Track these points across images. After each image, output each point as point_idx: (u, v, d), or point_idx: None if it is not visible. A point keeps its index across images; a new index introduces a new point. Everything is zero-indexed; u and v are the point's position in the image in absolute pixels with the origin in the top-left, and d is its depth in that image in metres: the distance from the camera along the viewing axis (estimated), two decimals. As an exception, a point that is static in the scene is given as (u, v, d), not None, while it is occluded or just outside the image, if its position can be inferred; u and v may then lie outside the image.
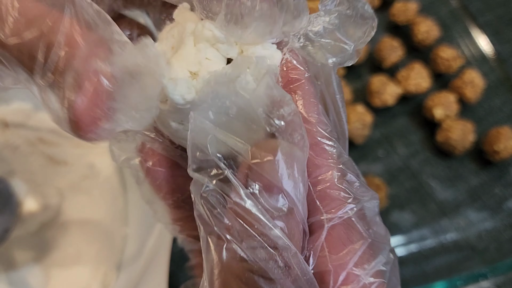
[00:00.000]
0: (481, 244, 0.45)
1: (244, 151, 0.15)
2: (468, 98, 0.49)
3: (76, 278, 0.38)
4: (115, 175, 0.41)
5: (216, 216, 0.15)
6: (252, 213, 0.14)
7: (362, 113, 0.47)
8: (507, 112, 0.51)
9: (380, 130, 0.50)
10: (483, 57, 0.53)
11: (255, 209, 0.14)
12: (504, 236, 0.46)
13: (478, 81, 0.49)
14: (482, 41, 0.54)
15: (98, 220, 0.39)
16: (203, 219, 0.15)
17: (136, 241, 0.38)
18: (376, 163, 0.49)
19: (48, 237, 0.39)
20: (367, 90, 0.50)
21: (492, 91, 0.52)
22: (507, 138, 0.46)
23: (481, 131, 0.49)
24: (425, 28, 0.51)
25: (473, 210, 0.47)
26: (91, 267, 0.38)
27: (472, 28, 0.54)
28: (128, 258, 0.39)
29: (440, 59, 0.50)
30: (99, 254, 0.39)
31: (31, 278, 0.38)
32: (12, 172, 0.39)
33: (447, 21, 0.55)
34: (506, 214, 0.47)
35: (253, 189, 0.14)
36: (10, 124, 0.40)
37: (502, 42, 0.54)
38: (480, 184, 0.48)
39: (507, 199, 0.47)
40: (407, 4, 0.53)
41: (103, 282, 0.38)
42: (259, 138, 0.15)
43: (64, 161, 0.40)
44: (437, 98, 0.48)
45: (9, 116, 0.40)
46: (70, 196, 0.40)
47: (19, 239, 0.38)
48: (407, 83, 0.49)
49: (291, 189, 0.15)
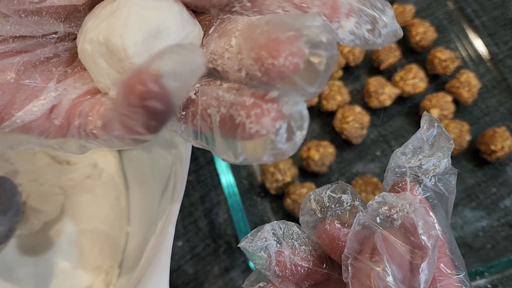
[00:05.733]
0: (477, 243, 0.46)
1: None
2: (464, 98, 0.50)
3: (79, 276, 0.38)
4: (117, 174, 0.41)
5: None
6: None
7: (360, 113, 0.48)
8: (503, 112, 0.52)
9: (377, 130, 0.51)
10: (479, 58, 0.54)
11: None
12: (500, 235, 0.46)
13: (474, 82, 0.50)
14: (478, 43, 0.54)
15: (100, 219, 0.39)
16: None
17: (138, 240, 0.39)
18: (373, 163, 0.49)
19: (51, 236, 0.39)
20: (365, 91, 0.51)
21: (488, 92, 0.52)
22: (503, 138, 0.47)
23: (477, 131, 0.50)
24: (422, 30, 0.52)
25: (469, 209, 0.47)
26: (93, 266, 0.39)
27: (468, 30, 0.55)
28: (129, 257, 0.39)
29: (436, 60, 0.51)
30: (101, 253, 0.39)
31: (33, 276, 0.38)
32: (15, 171, 0.39)
33: (443, 23, 0.56)
34: (502, 213, 0.47)
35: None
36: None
37: (498, 44, 0.55)
38: (477, 183, 0.49)
39: (503, 198, 0.48)
40: (404, 6, 0.54)
41: (104, 281, 0.38)
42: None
43: (67, 161, 0.40)
44: (434, 99, 0.49)
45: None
46: (73, 195, 0.40)
47: (23, 238, 0.39)
48: (404, 84, 0.50)
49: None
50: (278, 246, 0.22)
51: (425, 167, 0.21)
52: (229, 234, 0.45)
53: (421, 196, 0.21)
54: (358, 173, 0.48)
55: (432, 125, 0.22)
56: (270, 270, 0.21)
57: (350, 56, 0.51)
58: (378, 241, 0.18)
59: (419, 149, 0.22)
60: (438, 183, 0.21)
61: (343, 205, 0.21)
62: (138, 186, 0.41)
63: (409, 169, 0.21)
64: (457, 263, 0.20)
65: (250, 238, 0.22)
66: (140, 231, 0.39)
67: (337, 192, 0.22)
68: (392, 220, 0.18)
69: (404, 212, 0.18)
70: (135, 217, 0.40)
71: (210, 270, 0.44)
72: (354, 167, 0.49)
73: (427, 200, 0.21)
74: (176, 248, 0.44)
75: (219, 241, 0.45)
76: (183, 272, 0.44)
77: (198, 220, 0.45)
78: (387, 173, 0.22)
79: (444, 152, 0.21)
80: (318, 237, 0.21)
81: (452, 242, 0.21)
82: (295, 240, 0.22)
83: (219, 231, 0.45)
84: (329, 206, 0.21)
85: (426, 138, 0.22)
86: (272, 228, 0.22)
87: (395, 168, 0.22)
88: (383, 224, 0.18)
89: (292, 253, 0.21)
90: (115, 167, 0.41)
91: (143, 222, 0.38)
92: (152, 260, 0.30)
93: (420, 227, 0.18)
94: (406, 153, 0.22)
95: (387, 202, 0.19)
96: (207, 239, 0.45)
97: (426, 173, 0.21)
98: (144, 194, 0.39)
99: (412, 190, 0.21)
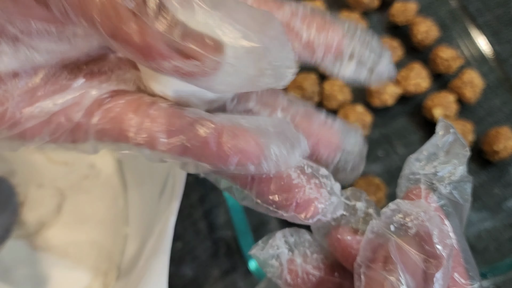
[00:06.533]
0: (480, 244, 0.45)
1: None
2: (467, 98, 0.49)
3: (77, 278, 0.38)
4: (115, 175, 0.41)
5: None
6: None
7: (362, 113, 0.47)
8: (506, 112, 0.51)
9: (379, 130, 0.50)
10: (482, 57, 0.53)
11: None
12: (503, 236, 0.46)
13: (478, 81, 0.49)
14: (482, 42, 0.54)
15: (98, 220, 0.39)
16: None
17: (137, 240, 0.39)
18: (375, 163, 0.49)
19: (49, 237, 0.39)
20: (367, 90, 0.50)
21: (491, 91, 0.52)
22: (507, 138, 0.46)
23: (480, 131, 0.50)
24: (424, 29, 0.51)
25: (472, 210, 0.47)
26: (92, 267, 0.38)
27: (472, 28, 0.55)
28: (128, 258, 0.39)
29: (439, 59, 0.50)
30: (100, 254, 0.39)
31: (31, 278, 0.38)
32: (12, 172, 0.39)
33: (446, 22, 0.55)
34: (505, 214, 0.47)
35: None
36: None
37: (502, 43, 0.54)
38: (480, 184, 0.48)
39: (507, 199, 0.47)
40: (406, 5, 0.53)
41: (103, 282, 0.38)
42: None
43: (65, 161, 0.40)
44: (437, 98, 0.49)
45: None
46: (70, 196, 0.40)
47: (19, 239, 0.38)
48: (407, 83, 0.49)
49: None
50: (289, 254, 0.21)
51: (440, 174, 0.21)
52: (229, 236, 0.45)
53: (435, 204, 0.21)
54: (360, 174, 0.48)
55: (447, 131, 0.21)
56: (282, 278, 0.21)
57: (351, 55, 0.51)
58: (392, 249, 0.17)
59: (433, 156, 0.21)
60: (454, 191, 0.21)
61: (356, 212, 0.21)
62: (136, 187, 0.41)
63: (423, 176, 0.21)
64: (471, 272, 0.20)
65: (261, 245, 0.22)
66: (139, 233, 0.38)
67: (351, 199, 0.21)
68: (406, 228, 0.18)
69: (419, 220, 0.18)
70: (134, 219, 0.40)
71: (210, 272, 0.43)
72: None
73: (442, 208, 0.21)
74: (175, 250, 0.44)
75: (219, 243, 0.44)
76: (182, 274, 0.43)
77: (198, 222, 0.45)
78: (400, 180, 0.22)
79: (460, 159, 0.21)
80: (330, 244, 0.21)
81: (466, 251, 0.20)
82: (307, 248, 0.22)
83: (219, 233, 0.45)
84: (343, 214, 0.21)
85: (441, 145, 0.21)
86: (283, 235, 0.22)
87: (409, 175, 0.21)
88: (397, 232, 0.18)
89: (304, 261, 0.21)
90: (113, 167, 0.41)
91: (142, 224, 0.38)
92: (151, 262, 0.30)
93: (435, 236, 0.18)
94: (421, 159, 0.22)
95: (402, 210, 0.19)
96: (207, 241, 0.44)
97: (441, 180, 0.21)
98: (143, 195, 0.39)
99: (427, 198, 0.20)
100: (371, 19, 0.56)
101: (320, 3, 0.51)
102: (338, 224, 0.21)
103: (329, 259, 0.22)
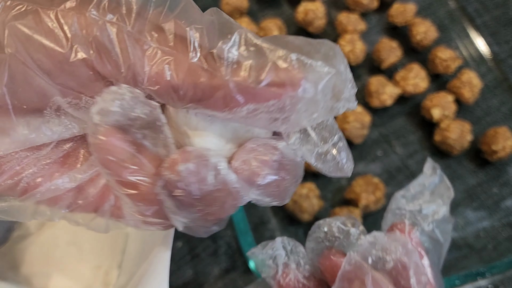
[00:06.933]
0: (479, 243, 0.46)
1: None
2: (466, 98, 0.49)
3: (78, 277, 0.38)
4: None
5: None
6: None
7: (361, 113, 0.47)
8: (504, 112, 0.52)
9: (378, 130, 0.50)
10: (480, 58, 0.54)
11: None
12: (501, 235, 0.46)
13: (476, 82, 0.50)
14: (480, 42, 0.54)
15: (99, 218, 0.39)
16: None
17: (137, 240, 0.39)
18: (374, 163, 0.49)
19: (49, 237, 0.39)
20: (366, 91, 0.50)
21: (489, 92, 0.52)
22: (505, 138, 0.47)
23: (478, 131, 0.50)
24: (423, 29, 0.52)
25: (471, 210, 0.47)
26: (92, 266, 0.38)
27: (470, 29, 0.55)
28: (129, 258, 0.39)
29: (438, 59, 0.51)
30: (100, 253, 0.39)
31: (32, 277, 0.38)
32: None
33: (445, 22, 0.56)
34: (503, 214, 0.47)
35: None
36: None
37: (500, 43, 0.55)
38: (478, 183, 0.48)
39: (505, 199, 0.48)
40: (405, 6, 0.53)
41: (104, 281, 0.38)
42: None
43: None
44: (435, 99, 0.49)
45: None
46: (71, 195, 0.40)
47: (21, 238, 0.38)
48: (406, 83, 0.50)
49: None
50: (286, 258, 0.22)
51: (424, 212, 0.22)
52: (229, 235, 0.45)
53: (417, 239, 0.21)
54: (359, 173, 0.48)
55: (434, 172, 0.23)
56: (275, 279, 0.22)
57: (350, 55, 0.51)
58: (368, 283, 0.18)
59: (419, 194, 0.22)
60: (436, 229, 0.22)
61: (349, 238, 0.22)
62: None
63: (408, 212, 0.22)
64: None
65: (261, 248, 0.22)
66: (139, 232, 0.38)
67: (347, 224, 0.22)
68: (384, 262, 0.18)
69: (397, 254, 0.18)
70: (135, 218, 0.40)
71: (210, 271, 0.44)
72: (355, 167, 0.48)
73: (422, 244, 0.21)
74: (176, 249, 0.44)
75: (219, 242, 0.45)
76: (183, 273, 0.43)
77: (198, 221, 0.45)
78: (386, 214, 0.23)
79: (444, 200, 0.22)
80: (321, 263, 0.22)
81: (442, 287, 0.21)
82: (301, 258, 0.22)
83: (219, 232, 0.45)
84: (337, 237, 0.22)
85: (427, 184, 0.23)
86: (282, 241, 0.23)
87: (395, 210, 0.22)
88: (374, 265, 0.19)
89: (297, 269, 0.22)
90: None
91: (143, 223, 0.38)
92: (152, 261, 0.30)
93: (412, 270, 0.18)
94: (407, 196, 0.23)
95: (379, 243, 0.19)
96: (207, 240, 0.45)
97: (425, 218, 0.22)
98: (144, 194, 0.39)
99: (410, 233, 0.21)
100: (370, 20, 0.56)
101: (320, 5, 0.51)
102: (331, 245, 0.22)
103: (317, 277, 0.22)
